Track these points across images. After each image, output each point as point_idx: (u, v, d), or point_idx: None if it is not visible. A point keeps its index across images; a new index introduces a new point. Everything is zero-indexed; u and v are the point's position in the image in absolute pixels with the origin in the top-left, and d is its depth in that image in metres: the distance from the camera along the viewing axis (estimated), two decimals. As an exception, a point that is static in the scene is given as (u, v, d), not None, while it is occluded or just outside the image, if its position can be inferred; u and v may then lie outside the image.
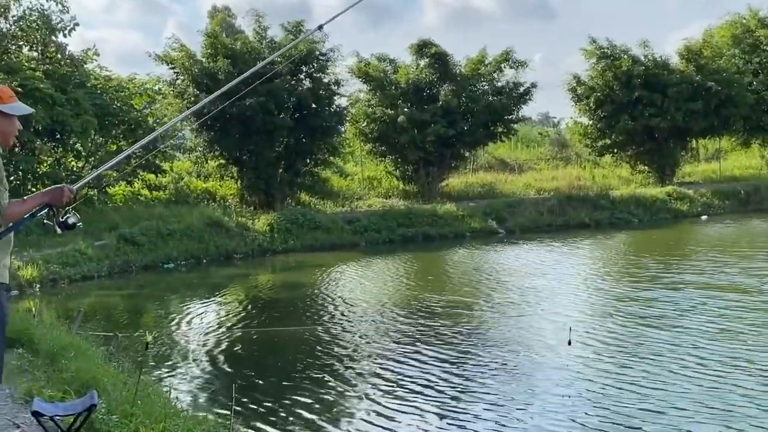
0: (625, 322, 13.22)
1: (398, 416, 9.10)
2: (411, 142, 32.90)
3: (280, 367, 11.63)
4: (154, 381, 10.15)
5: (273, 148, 30.61)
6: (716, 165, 40.71)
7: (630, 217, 31.83)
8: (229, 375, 11.20)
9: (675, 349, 11.22)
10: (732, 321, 12.86)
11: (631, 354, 11.18)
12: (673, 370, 10.17)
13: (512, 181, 36.75)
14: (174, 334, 14.24)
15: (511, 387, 10.01)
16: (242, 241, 26.22)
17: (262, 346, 13.11)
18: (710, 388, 9.37)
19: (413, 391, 10.00)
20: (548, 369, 10.79)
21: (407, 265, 22.91)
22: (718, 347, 11.22)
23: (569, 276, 19.08)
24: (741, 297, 14.73)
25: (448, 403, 9.45)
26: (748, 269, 17.80)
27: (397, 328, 13.82)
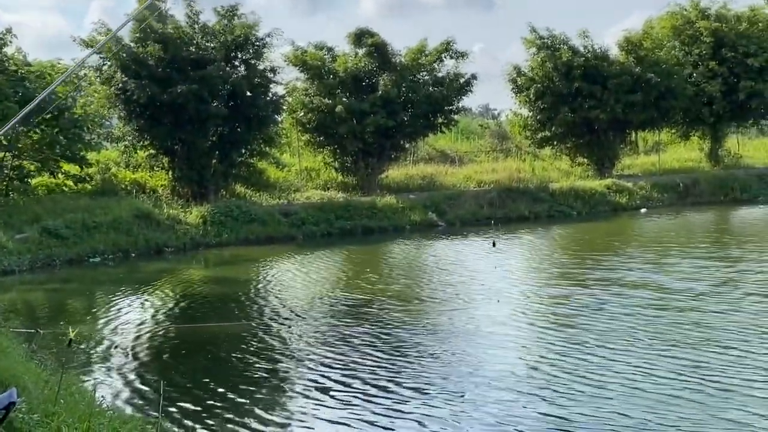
0: (553, 317, 13.40)
1: (332, 412, 9.11)
2: (350, 133, 32.81)
3: (211, 365, 11.50)
4: (78, 379, 9.94)
5: (206, 137, 30.23)
6: (655, 157, 41.49)
7: (569, 210, 32.27)
8: (158, 373, 11.05)
9: (623, 342, 11.39)
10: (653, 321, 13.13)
11: (564, 342, 11.32)
12: (594, 360, 10.38)
13: (453, 174, 36.94)
14: (100, 331, 13.97)
15: (446, 379, 10.09)
16: (173, 234, 25.88)
17: (192, 343, 12.93)
18: (635, 380, 9.53)
19: (348, 385, 10.02)
20: (480, 361, 10.92)
21: (345, 258, 22.90)
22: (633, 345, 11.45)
23: (502, 269, 19.17)
24: (657, 295, 15.04)
25: (383, 396, 9.51)
26: (667, 265, 18.24)
27: (334, 323, 13.80)
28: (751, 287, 14.96)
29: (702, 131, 41.08)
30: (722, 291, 14.79)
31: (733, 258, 18.83)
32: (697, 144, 42.37)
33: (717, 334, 11.60)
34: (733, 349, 10.74)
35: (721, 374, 9.66)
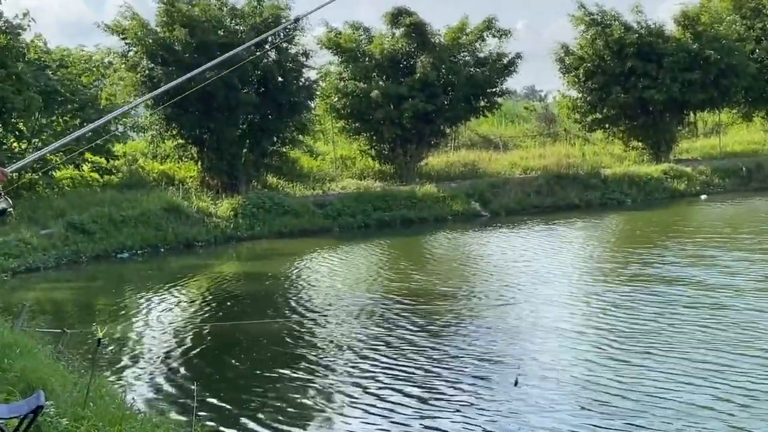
0: (609, 314, 13.29)
1: (372, 411, 9.15)
2: (387, 119, 32.81)
3: (246, 365, 11.56)
4: (107, 381, 10.07)
5: (236, 126, 30.42)
6: (716, 140, 40.95)
7: (623, 198, 32.05)
8: (191, 373, 11.13)
9: (662, 343, 11.29)
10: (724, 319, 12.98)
11: (617, 347, 11.24)
12: (658, 362, 10.28)
13: (496, 160, 36.77)
14: (129, 330, 14.15)
15: (489, 380, 10.06)
16: (203, 227, 26.12)
17: (225, 341, 13.03)
18: (704, 385, 9.43)
19: (388, 386, 10.04)
20: (528, 360, 10.87)
21: (384, 251, 22.91)
22: (701, 343, 11.33)
23: (554, 263, 19.07)
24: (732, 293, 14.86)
25: (424, 397, 9.51)
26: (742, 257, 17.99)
27: (373, 320, 13.81)
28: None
29: (766, 111, 40.47)
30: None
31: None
32: (761, 125, 41.76)
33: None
34: None
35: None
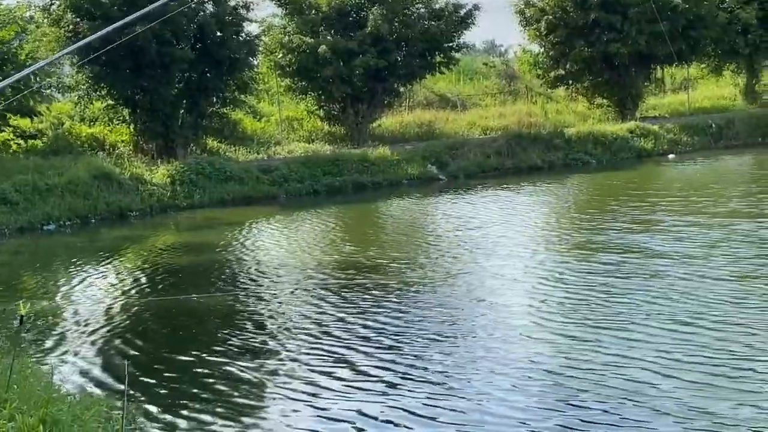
0: (571, 282, 13.41)
1: (312, 389, 9.16)
2: (336, 76, 32.65)
3: (182, 342, 11.51)
4: (32, 361, 9.94)
5: (172, 84, 30.02)
6: (684, 96, 41.53)
7: (587, 158, 32.40)
8: (123, 352, 11.05)
9: (624, 311, 11.41)
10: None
11: (578, 314, 11.35)
12: (622, 330, 10.41)
13: (454, 120, 36.95)
14: (57, 308, 13.97)
15: (449, 349, 10.14)
16: (138, 196, 25.87)
17: (161, 317, 12.95)
18: (662, 350, 9.57)
19: (331, 362, 10.06)
20: (489, 329, 10.97)
21: (335, 219, 22.90)
22: (667, 310, 11.49)
23: (509, 232, 19.10)
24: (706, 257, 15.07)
25: (378, 370, 9.55)
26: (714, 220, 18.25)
27: (320, 293, 13.77)
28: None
29: (736, 64, 41.09)
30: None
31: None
32: (731, 79, 42.37)
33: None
34: None
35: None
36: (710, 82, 43.98)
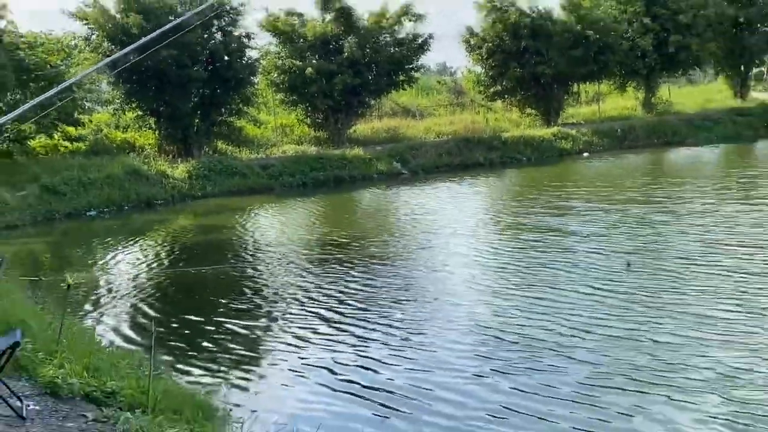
0: (503, 255, 13.59)
1: (312, 345, 9.18)
2: (320, 92, 32.57)
3: (200, 305, 11.54)
4: (78, 321, 9.98)
5: (188, 99, 29.92)
6: (596, 107, 41.63)
7: (520, 157, 32.44)
8: (149, 313, 11.07)
9: (544, 278, 11.58)
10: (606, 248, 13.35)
11: (509, 282, 11.50)
12: (543, 294, 10.51)
13: (414, 126, 36.86)
14: (97, 277, 13.97)
15: (407, 310, 10.22)
16: (162, 188, 25.74)
17: (182, 285, 12.97)
18: (575, 310, 9.71)
19: (326, 319, 10.12)
20: (439, 293, 11.06)
21: (320, 206, 22.92)
22: (601, 269, 11.68)
23: (460, 215, 19.27)
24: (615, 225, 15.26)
25: (361, 331, 9.59)
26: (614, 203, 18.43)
27: (306, 264, 13.88)
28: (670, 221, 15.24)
29: (637, 82, 41.20)
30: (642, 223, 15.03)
31: (658, 197, 19.00)
32: (633, 94, 42.50)
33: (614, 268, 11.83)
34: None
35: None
36: (616, 96, 44.07)
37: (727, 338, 8.01)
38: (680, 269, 11.10)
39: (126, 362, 7.71)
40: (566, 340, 8.48)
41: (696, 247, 12.53)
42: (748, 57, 42.94)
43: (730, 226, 14.03)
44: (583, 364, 7.70)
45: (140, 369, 7.52)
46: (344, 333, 9.43)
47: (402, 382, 7.63)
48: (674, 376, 7.15)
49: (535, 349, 8.29)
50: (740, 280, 10.22)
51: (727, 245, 12.42)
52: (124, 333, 10.15)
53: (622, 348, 8.06)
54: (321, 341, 9.16)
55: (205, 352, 9.13)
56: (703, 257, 11.77)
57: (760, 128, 36.86)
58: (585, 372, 7.51)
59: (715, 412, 6.40)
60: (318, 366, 8.32)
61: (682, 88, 48.69)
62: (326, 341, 9.14)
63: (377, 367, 8.14)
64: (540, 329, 8.91)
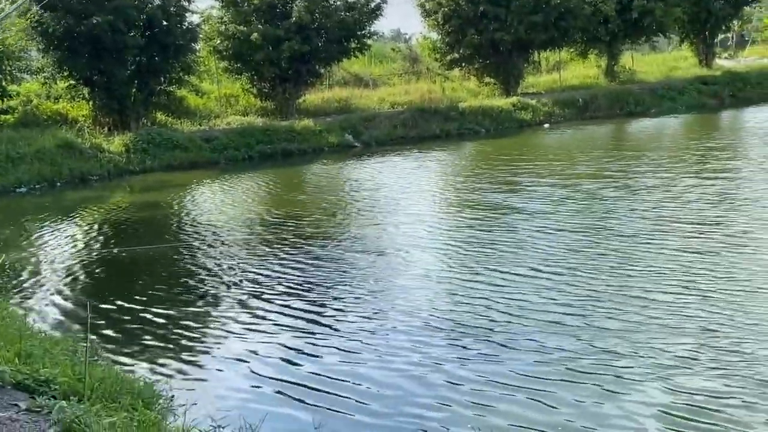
0: (450, 231, 13.79)
1: (257, 328, 9.25)
2: (266, 60, 32.37)
3: (138, 287, 11.49)
4: (8, 305, 9.86)
5: (125, 67, 29.42)
6: (557, 76, 42.06)
7: (478, 128, 32.68)
8: (86, 296, 11.01)
9: (519, 250, 11.81)
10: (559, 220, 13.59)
11: (465, 264, 11.68)
12: (519, 271, 10.68)
13: (367, 96, 36.86)
14: (28, 258, 13.79)
15: (359, 288, 10.33)
16: (97, 162, 25.41)
17: (119, 266, 12.91)
18: (517, 291, 9.93)
19: (269, 302, 10.18)
20: (388, 270, 11.20)
21: (267, 181, 22.83)
22: (558, 242, 11.92)
23: (416, 187, 19.46)
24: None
25: (309, 309, 9.68)
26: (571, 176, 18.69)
27: (257, 244, 13.87)
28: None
29: (599, 49, 41.71)
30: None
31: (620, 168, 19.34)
32: (595, 61, 43.02)
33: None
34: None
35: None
36: (578, 64, 44.57)
37: (670, 323, 8.11)
38: (626, 249, 11.23)
39: (60, 348, 7.67)
40: (502, 326, 8.49)
41: (644, 225, 12.69)
42: (714, 23, 43.72)
43: (682, 203, 14.22)
44: (520, 353, 7.72)
45: (75, 355, 7.50)
46: (293, 313, 9.51)
47: (336, 371, 7.63)
48: (615, 364, 7.21)
49: (469, 336, 8.29)
50: (687, 261, 10.34)
51: (676, 223, 12.61)
52: (58, 317, 10.08)
53: (561, 335, 8.06)
54: (264, 326, 9.20)
55: (145, 336, 9.13)
56: (650, 236, 11.93)
57: (725, 97, 37.66)
58: (521, 361, 7.52)
59: (655, 401, 6.48)
60: (260, 352, 8.34)
61: (646, 56, 49.33)
62: (270, 326, 9.18)
63: (327, 353, 8.20)
64: (476, 315, 8.92)
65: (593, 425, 6.17)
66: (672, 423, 6.11)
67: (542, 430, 6.14)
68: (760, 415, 6.04)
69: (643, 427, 6.10)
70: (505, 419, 6.34)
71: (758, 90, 38.61)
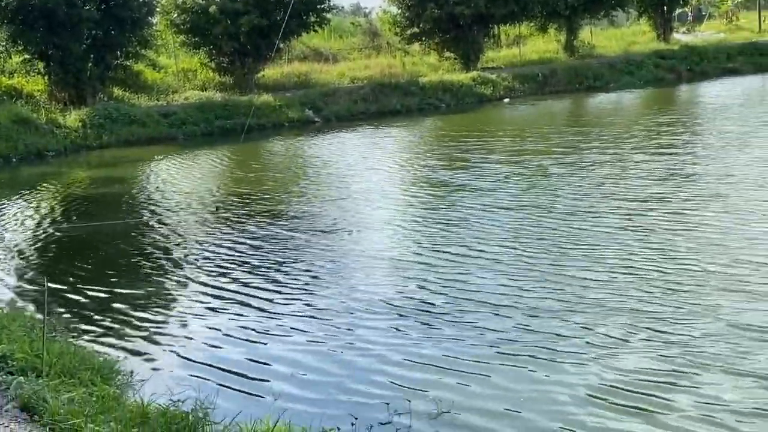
0: (414, 208, 13.93)
1: (214, 305, 9.32)
2: (225, 33, 32.15)
3: (96, 263, 11.51)
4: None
5: (80, 41, 29.08)
6: (517, 50, 42.22)
7: (438, 103, 32.76)
8: (43, 272, 10.99)
9: (461, 230, 11.98)
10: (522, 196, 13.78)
11: (437, 228, 11.87)
12: (460, 251, 10.84)
13: (327, 71, 36.73)
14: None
15: (321, 266, 10.44)
16: (54, 138, 25.19)
17: (76, 242, 12.89)
18: (487, 268, 10.11)
19: (229, 279, 10.27)
20: (347, 251, 11.32)
21: (226, 156, 22.81)
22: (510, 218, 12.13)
23: (375, 162, 19.52)
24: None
25: (264, 287, 9.78)
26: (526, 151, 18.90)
27: (216, 220, 13.90)
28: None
29: (558, 24, 41.90)
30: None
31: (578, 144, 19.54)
32: (554, 36, 43.22)
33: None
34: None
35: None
36: (537, 39, 44.71)
37: (606, 303, 8.07)
38: (567, 227, 11.22)
39: (17, 324, 7.73)
40: (440, 308, 8.42)
41: (587, 203, 12.69)
42: (672, -4, 44.18)
43: (627, 180, 14.23)
44: (455, 333, 7.65)
45: (33, 331, 7.55)
46: (254, 291, 9.60)
47: (288, 349, 7.70)
48: (549, 345, 7.16)
49: (407, 317, 8.23)
50: (627, 239, 10.33)
51: (619, 200, 12.64)
52: (15, 293, 10.10)
53: (498, 315, 8.04)
54: (220, 304, 9.25)
55: (103, 313, 9.17)
56: (592, 214, 11.92)
57: (682, 71, 38.15)
58: (456, 341, 7.46)
59: (588, 381, 6.45)
60: (218, 328, 8.41)
61: (605, 31, 49.69)
62: (226, 304, 9.24)
63: (289, 332, 8.25)
64: (414, 297, 8.86)
65: (527, 406, 6.15)
66: (605, 404, 6.08)
67: (475, 411, 6.13)
68: (692, 397, 6.08)
69: (576, 406, 6.08)
70: (435, 403, 6.23)
71: (714, 64, 39.14)
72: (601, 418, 5.91)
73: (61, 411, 5.34)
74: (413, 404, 6.23)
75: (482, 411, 6.13)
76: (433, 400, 6.28)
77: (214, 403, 6.00)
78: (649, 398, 6.12)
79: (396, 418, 6.05)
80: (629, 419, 5.85)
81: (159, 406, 5.83)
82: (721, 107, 25.07)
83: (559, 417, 5.97)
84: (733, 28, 48.95)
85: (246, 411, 6.00)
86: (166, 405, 5.87)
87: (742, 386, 6.18)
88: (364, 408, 6.31)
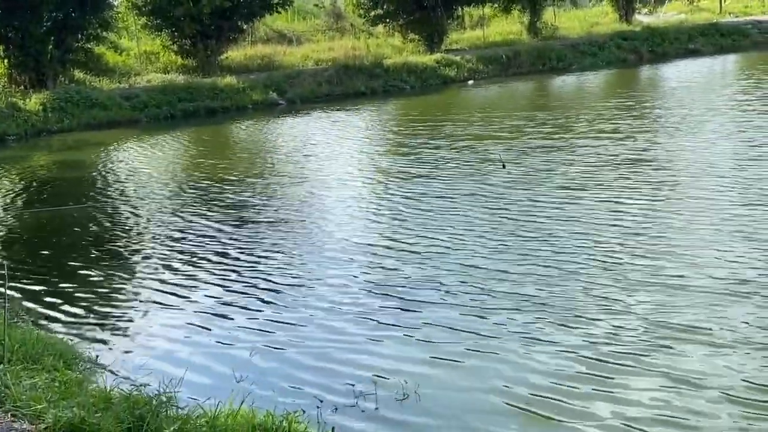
0: (396, 184, 13.95)
1: (176, 290, 9.28)
2: (187, 15, 31.81)
3: (58, 248, 11.45)
4: None
5: (40, 23, 28.71)
6: (480, 32, 42.23)
7: (403, 85, 32.72)
8: (3, 257, 10.86)
9: (446, 204, 12.02)
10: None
11: (395, 214, 11.92)
12: (446, 224, 10.91)
13: (291, 53, 36.53)
14: (-57, 222, 13.51)
15: (290, 252, 10.44)
16: (14, 122, 24.93)
17: (37, 227, 12.80)
18: (455, 236, 10.17)
19: (192, 264, 10.26)
20: (328, 230, 11.35)
21: (190, 140, 22.70)
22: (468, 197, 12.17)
23: (339, 145, 19.48)
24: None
25: (227, 272, 9.78)
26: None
27: (179, 204, 13.85)
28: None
29: (521, 5, 42.00)
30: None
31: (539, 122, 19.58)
32: (518, 17, 43.32)
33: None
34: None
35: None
36: (501, 20, 44.79)
37: (541, 294, 7.87)
38: (510, 217, 10.87)
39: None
40: (393, 291, 8.41)
41: (533, 192, 12.17)
42: (634, -23, 44.49)
43: (578, 166, 13.76)
44: (410, 326, 7.51)
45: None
46: (219, 274, 9.60)
47: (254, 332, 7.71)
48: (490, 343, 6.92)
49: (358, 306, 8.19)
50: (554, 230, 9.99)
51: (556, 188, 12.24)
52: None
53: (451, 305, 8.02)
54: (183, 289, 9.23)
55: (66, 298, 9.12)
56: (524, 203, 11.58)
57: (644, 53, 38.49)
58: (411, 332, 7.37)
59: (542, 368, 6.35)
60: (181, 313, 8.42)
61: (568, 12, 49.87)
62: (189, 290, 9.21)
63: (230, 317, 8.22)
64: (366, 282, 8.89)
65: (487, 394, 6.08)
66: (562, 388, 5.97)
67: (439, 395, 6.09)
68: (654, 378, 6.04)
69: (526, 389, 6.05)
70: (400, 387, 6.17)
71: (675, 46, 39.49)
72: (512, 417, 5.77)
73: (23, 397, 5.33)
74: (378, 388, 6.23)
75: (447, 395, 6.15)
76: (399, 384, 6.26)
77: (178, 388, 6.02)
78: (607, 380, 6.06)
79: (361, 402, 6.07)
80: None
81: (122, 391, 5.83)
82: (678, 88, 25.28)
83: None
84: (695, 9, 49.35)
85: (210, 395, 6.03)
86: (130, 390, 5.87)
87: (660, 387, 5.91)
88: (329, 391, 6.30)
